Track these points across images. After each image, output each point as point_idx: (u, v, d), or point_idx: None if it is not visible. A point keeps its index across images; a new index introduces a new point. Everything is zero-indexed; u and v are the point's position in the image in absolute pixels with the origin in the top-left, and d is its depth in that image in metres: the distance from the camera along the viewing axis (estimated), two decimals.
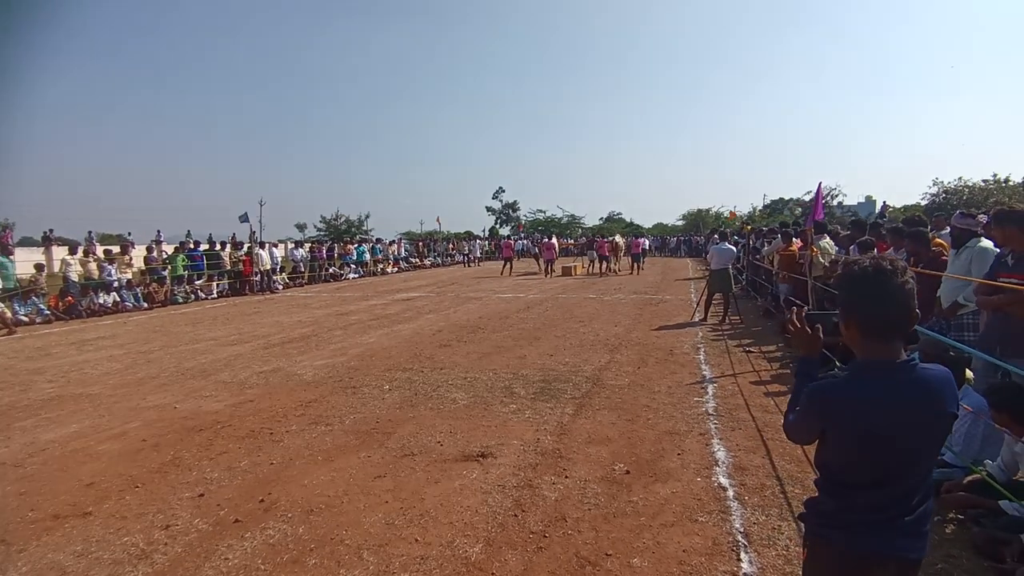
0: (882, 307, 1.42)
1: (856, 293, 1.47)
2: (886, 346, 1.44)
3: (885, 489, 1.45)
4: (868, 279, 1.43)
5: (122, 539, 3.11)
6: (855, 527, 1.48)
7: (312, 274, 21.66)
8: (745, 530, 3.07)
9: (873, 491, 1.46)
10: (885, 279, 1.41)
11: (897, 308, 1.42)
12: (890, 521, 1.45)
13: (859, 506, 1.48)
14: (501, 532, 3.11)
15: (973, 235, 4.72)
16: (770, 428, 4.57)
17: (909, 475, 1.45)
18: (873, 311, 1.44)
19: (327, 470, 3.97)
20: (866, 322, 1.46)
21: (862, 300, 1.46)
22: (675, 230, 49.58)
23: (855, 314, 1.48)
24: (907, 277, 1.42)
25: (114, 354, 8.39)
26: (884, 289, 1.41)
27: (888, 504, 1.45)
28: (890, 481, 1.45)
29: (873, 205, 45.88)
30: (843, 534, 1.49)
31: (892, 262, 1.44)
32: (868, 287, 1.43)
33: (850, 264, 1.51)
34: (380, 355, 7.75)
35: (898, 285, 1.41)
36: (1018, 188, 34.64)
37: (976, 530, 2.89)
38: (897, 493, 1.45)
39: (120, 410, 5.54)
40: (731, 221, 35.14)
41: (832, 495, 1.54)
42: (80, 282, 13.51)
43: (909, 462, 1.45)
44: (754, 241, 14.35)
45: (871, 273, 1.43)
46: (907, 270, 1.44)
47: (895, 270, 1.42)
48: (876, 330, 1.45)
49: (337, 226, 44.50)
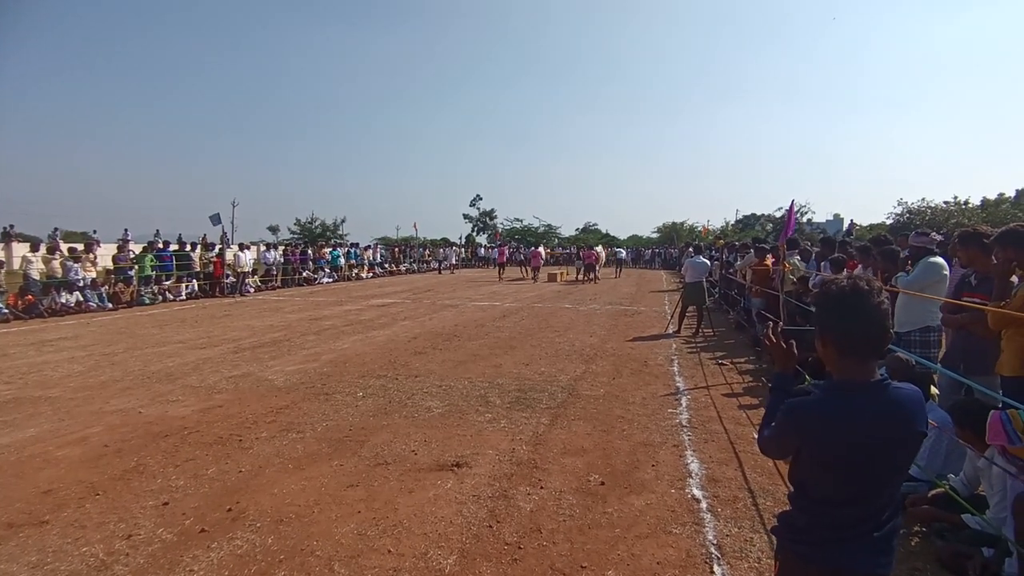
0: (859, 326, 1.45)
1: (834, 312, 1.49)
2: (862, 365, 1.47)
3: (857, 506, 1.47)
4: (845, 298, 1.46)
5: (81, 549, 2.99)
6: (826, 543, 1.50)
7: (285, 277, 21.32)
8: (718, 542, 3.09)
9: (845, 508, 1.48)
10: (862, 299, 1.44)
11: (873, 327, 1.45)
12: (860, 538, 1.47)
13: (831, 522, 1.50)
14: (476, 543, 3.08)
15: (929, 252, 4.88)
16: (742, 440, 4.63)
17: (880, 493, 1.48)
18: (850, 330, 1.46)
19: (298, 479, 3.88)
20: (842, 340, 1.48)
21: (840, 319, 1.48)
22: (650, 242, 50.12)
23: (832, 332, 1.50)
24: (882, 297, 1.45)
25: (76, 356, 8.11)
26: (861, 308, 1.44)
27: (859, 521, 1.47)
28: (862, 498, 1.47)
29: (841, 223, 47.26)
30: (814, 549, 1.51)
31: (868, 282, 1.47)
32: (845, 306, 1.46)
33: (828, 283, 1.53)
34: (354, 361, 7.65)
35: (874, 305, 1.44)
36: (977, 210, 36.05)
37: (940, 544, 2.96)
38: (868, 510, 1.47)
39: (81, 414, 5.34)
40: (704, 236, 35.75)
41: (804, 510, 1.56)
42: (42, 280, 13.05)
43: (881, 480, 1.47)
44: (727, 255, 14.60)
45: (848, 293, 1.46)
46: (882, 290, 1.47)
47: (871, 290, 1.45)
48: (852, 348, 1.47)
49: (312, 229, 43.89)
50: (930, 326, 4.67)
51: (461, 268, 34.35)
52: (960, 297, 3.94)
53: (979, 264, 3.93)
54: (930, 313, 4.60)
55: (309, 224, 44.71)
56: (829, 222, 52.55)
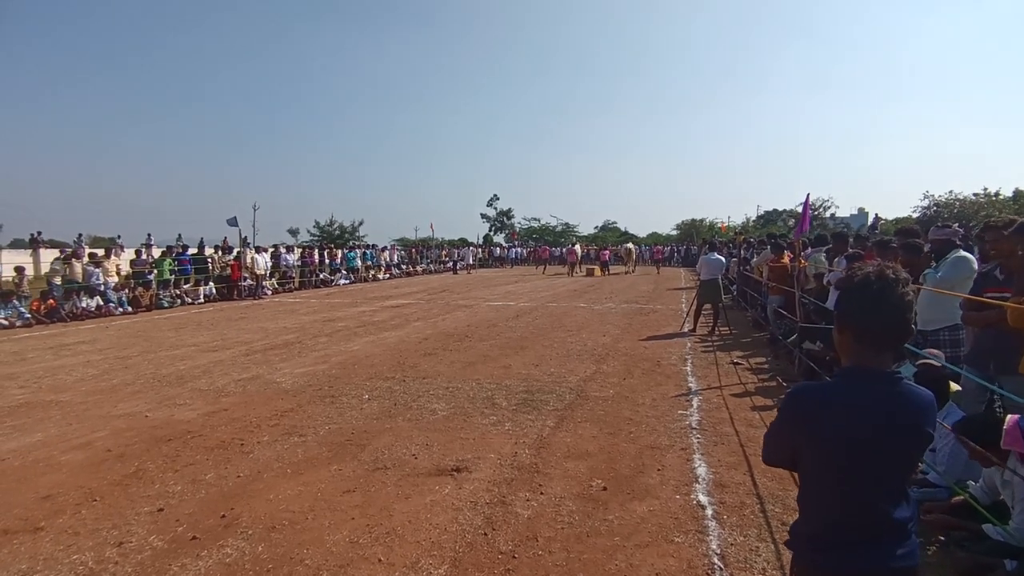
0: (879, 316, 1.38)
1: (856, 299, 1.41)
2: (877, 356, 1.41)
3: (865, 504, 1.40)
4: (870, 286, 1.38)
5: (71, 557, 2.97)
6: (839, 547, 1.42)
7: (302, 280, 21.50)
8: (722, 552, 2.95)
9: (853, 506, 1.41)
10: (887, 288, 1.36)
11: (895, 318, 1.37)
12: (877, 537, 1.40)
13: (843, 523, 1.42)
14: (469, 552, 2.98)
15: (953, 246, 4.66)
16: (753, 443, 4.47)
17: (888, 489, 1.41)
18: (869, 319, 1.39)
19: (295, 484, 3.83)
20: (861, 329, 1.41)
21: (860, 306, 1.40)
22: (669, 239, 49.58)
23: (851, 320, 1.43)
24: (908, 288, 1.37)
25: (91, 359, 8.22)
26: (884, 297, 1.36)
27: (869, 520, 1.40)
28: (869, 495, 1.40)
29: (866, 217, 46.08)
30: (828, 555, 1.43)
31: (896, 271, 1.39)
32: (868, 294, 1.38)
33: (854, 270, 1.45)
34: (363, 363, 7.62)
35: (899, 295, 1.36)
36: (1008, 202, 34.87)
37: (961, 554, 2.79)
38: (877, 507, 1.40)
39: (89, 418, 5.38)
40: (724, 233, 35.22)
41: (815, 515, 1.48)
42: (63, 285, 13.32)
43: (888, 475, 1.41)
44: (744, 252, 14.31)
45: (873, 280, 1.38)
46: (909, 281, 1.39)
47: (898, 280, 1.37)
48: (869, 338, 1.40)
49: (331, 232, 44.28)
50: (958, 324, 4.45)
51: (478, 268, 34.33)
52: (982, 293, 3.73)
53: (1008, 256, 3.71)
54: (956, 311, 4.37)
55: (328, 227, 45.12)
56: (854, 216, 51.26)
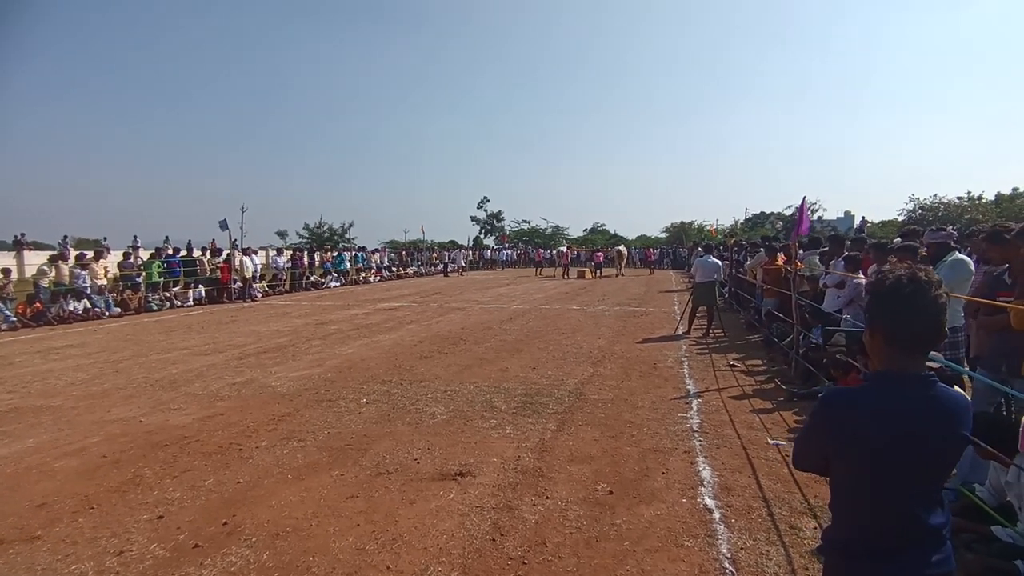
0: (911, 319, 1.35)
1: (888, 302, 1.39)
2: (909, 359, 1.38)
3: (901, 510, 1.37)
4: (902, 288, 1.35)
5: (70, 567, 2.89)
6: (875, 554, 1.39)
7: (293, 282, 21.32)
8: (732, 556, 2.95)
9: (889, 512, 1.38)
10: (920, 290, 1.34)
11: (927, 321, 1.35)
12: (911, 544, 1.37)
13: (877, 530, 1.39)
14: (478, 558, 2.95)
15: (949, 248, 4.70)
16: (755, 446, 4.48)
17: (924, 494, 1.38)
18: (901, 322, 1.36)
19: (297, 490, 3.78)
20: (893, 333, 1.39)
21: (892, 309, 1.38)
22: (658, 242, 49.80)
23: (882, 323, 1.41)
24: (941, 291, 1.35)
25: (81, 363, 8.08)
26: (916, 300, 1.34)
27: (906, 525, 1.37)
28: (905, 500, 1.37)
29: (852, 220, 46.65)
30: (863, 564, 1.40)
31: (928, 273, 1.36)
32: (900, 297, 1.35)
33: (885, 273, 1.42)
34: (359, 367, 7.55)
35: (932, 298, 1.34)
36: (991, 205, 35.44)
37: (971, 557, 2.79)
38: (914, 514, 1.37)
39: (82, 423, 5.27)
40: (713, 236, 35.46)
41: (848, 522, 1.46)
42: (50, 288, 13.09)
43: (923, 479, 1.38)
44: (737, 255, 14.39)
45: (905, 283, 1.35)
46: (941, 283, 1.36)
47: (930, 282, 1.34)
48: (902, 342, 1.38)
49: (320, 234, 43.99)
50: (956, 326, 4.49)
51: (468, 270, 34.28)
52: (995, 296, 3.76)
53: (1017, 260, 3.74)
54: (956, 313, 4.42)
55: (317, 229, 44.82)
56: (840, 219, 51.84)
